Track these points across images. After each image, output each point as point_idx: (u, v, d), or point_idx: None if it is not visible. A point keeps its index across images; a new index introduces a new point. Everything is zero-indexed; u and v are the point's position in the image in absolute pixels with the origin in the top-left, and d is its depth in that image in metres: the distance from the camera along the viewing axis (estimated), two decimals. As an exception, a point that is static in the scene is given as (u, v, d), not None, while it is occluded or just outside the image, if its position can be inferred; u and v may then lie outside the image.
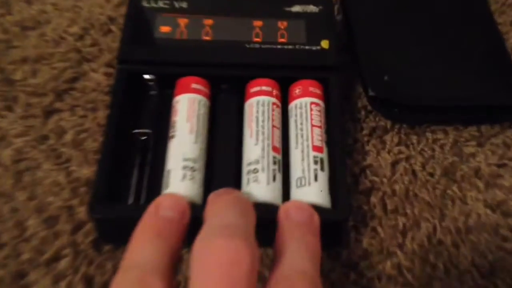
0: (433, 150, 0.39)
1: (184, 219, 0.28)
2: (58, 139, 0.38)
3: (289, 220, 0.28)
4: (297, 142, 0.34)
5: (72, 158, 0.37)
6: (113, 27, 0.44)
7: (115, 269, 0.33)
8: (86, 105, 0.40)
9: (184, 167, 0.33)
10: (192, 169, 0.33)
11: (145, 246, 0.25)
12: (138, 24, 0.38)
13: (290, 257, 0.25)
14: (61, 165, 0.37)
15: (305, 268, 0.25)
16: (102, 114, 0.39)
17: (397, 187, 0.37)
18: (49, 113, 0.40)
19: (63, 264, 0.33)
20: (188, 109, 0.35)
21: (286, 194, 0.33)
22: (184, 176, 0.32)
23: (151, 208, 0.28)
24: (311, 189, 0.33)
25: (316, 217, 0.29)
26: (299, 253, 0.26)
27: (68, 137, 0.38)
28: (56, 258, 0.33)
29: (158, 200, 0.28)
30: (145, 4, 0.39)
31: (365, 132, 0.39)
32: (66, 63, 0.42)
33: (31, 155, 0.37)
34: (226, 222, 0.25)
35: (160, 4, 0.40)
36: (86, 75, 0.41)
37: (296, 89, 0.37)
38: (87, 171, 0.37)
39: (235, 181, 0.34)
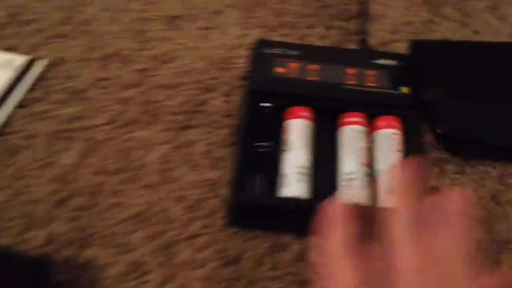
0: (484, 179, 0.49)
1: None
2: (190, 149, 0.49)
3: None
4: (383, 161, 0.45)
5: (202, 163, 0.48)
6: (228, 65, 0.56)
7: (238, 247, 0.43)
8: (211, 124, 0.50)
9: (298, 172, 0.43)
10: (304, 174, 0.43)
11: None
12: (260, 65, 0.50)
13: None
14: (194, 168, 0.47)
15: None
16: (222, 132, 0.50)
17: (456, 205, 0.47)
18: (180, 129, 0.50)
19: (201, 240, 0.43)
20: (299, 130, 0.46)
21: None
22: (298, 179, 0.43)
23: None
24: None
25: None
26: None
27: (195, 149, 0.49)
28: (196, 235, 0.43)
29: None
30: (265, 50, 0.51)
31: (431, 161, 0.50)
32: (193, 91, 0.53)
33: (171, 159, 0.48)
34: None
35: (277, 51, 0.51)
36: (209, 102, 0.52)
37: (381, 122, 0.48)
38: (214, 174, 0.47)
39: (333, 185, 0.45)
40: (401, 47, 0.60)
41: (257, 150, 0.46)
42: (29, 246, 0.41)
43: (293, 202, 0.42)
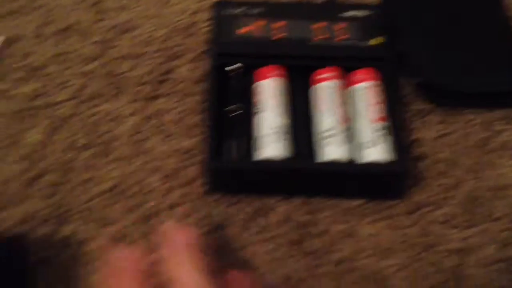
0: (468, 127, 0.52)
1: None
2: (161, 118, 0.51)
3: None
4: (365, 115, 0.48)
5: (175, 132, 0.51)
6: (192, 31, 0.58)
7: (219, 213, 0.46)
8: (180, 92, 0.53)
9: (274, 133, 0.47)
10: (280, 134, 0.47)
11: None
12: (222, 27, 0.52)
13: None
14: (167, 138, 0.50)
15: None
16: (192, 99, 0.53)
17: (441, 155, 0.50)
18: (149, 99, 0.53)
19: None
20: (271, 90, 0.49)
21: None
22: (275, 139, 0.46)
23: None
24: (378, 149, 0.46)
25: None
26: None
27: (166, 118, 0.52)
28: (176, 204, 0.46)
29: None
30: (225, 12, 0.53)
31: (412, 113, 0.53)
32: (157, 60, 0.56)
33: (141, 130, 0.51)
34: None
35: (238, 11, 0.54)
36: (176, 70, 0.55)
37: (358, 75, 0.51)
38: (188, 142, 0.50)
39: (310, 144, 0.48)
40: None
41: (228, 115, 0.49)
42: (3, 226, 0.44)
43: (271, 163, 0.45)
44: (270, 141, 0.45)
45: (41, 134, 0.48)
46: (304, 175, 0.45)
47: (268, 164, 0.44)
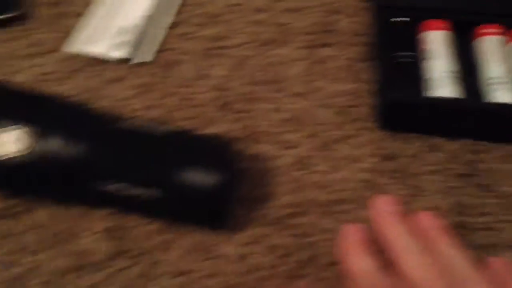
0: None
1: None
2: (327, 64, 0.56)
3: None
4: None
5: (341, 76, 0.55)
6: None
7: (391, 147, 0.49)
8: (343, 42, 0.57)
9: (446, 77, 0.50)
10: (451, 77, 0.50)
11: None
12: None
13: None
14: (335, 81, 0.54)
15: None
16: (354, 49, 0.57)
17: None
18: (314, 47, 0.57)
19: (355, 140, 0.50)
20: (439, 40, 0.52)
21: None
22: (450, 81, 0.49)
23: None
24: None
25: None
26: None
27: (332, 64, 0.56)
28: (350, 136, 0.50)
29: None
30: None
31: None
32: (319, 13, 0.60)
33: (311, 73, 0.55)
34: (412, 246, 0.35)
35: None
36: (337, 23, 0.59)
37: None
38: (355, 85, 0.54)
39: (478, 91, 0.51)
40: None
41: (396, 62, 0.53)
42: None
43: (445, 100, 0.49)
44: (442, 84, 0.49)
45: (225, 70, 0.53)
46: (474, 115, 0.48)
47: (442, 100, 0.47)
